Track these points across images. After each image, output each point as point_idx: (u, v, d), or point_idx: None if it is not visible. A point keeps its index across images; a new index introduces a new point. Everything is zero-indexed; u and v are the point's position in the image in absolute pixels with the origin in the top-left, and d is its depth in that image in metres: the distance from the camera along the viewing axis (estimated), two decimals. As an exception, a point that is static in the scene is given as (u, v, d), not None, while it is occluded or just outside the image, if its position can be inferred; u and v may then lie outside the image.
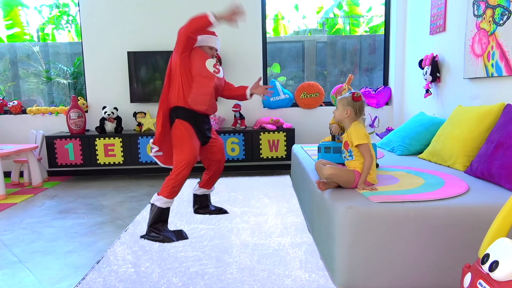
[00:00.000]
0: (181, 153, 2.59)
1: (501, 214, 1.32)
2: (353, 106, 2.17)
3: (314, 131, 4.81)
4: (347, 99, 2.19)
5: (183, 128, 2.64)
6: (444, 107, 3.54)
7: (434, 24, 3.69)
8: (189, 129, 2.66)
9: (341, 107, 2.20)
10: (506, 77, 2.65)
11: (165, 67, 4.58)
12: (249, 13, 4.66)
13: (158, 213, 2.58)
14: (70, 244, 2.58)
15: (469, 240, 1.78)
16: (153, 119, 4.57)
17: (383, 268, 1.81)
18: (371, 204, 1.82)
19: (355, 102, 2.17)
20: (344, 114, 2.19)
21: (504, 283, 1.14)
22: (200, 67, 2.65)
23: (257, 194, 3.61)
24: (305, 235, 2.57)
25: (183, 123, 2.65)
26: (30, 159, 4.13)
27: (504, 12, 2.61)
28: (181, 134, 2.63)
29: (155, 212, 2.58)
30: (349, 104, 2.17)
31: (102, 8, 4.61)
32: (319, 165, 2.26)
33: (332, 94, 4.83)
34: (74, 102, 4.48)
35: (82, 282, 2.01)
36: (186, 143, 2.61)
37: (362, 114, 2.22)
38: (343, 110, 2.19)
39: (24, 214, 3.25)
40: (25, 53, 5.22)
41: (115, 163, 4.45)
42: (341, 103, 2.21)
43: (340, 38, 6.12)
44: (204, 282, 1.97)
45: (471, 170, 2.33)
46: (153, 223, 2.58)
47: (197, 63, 2.64)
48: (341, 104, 2.21)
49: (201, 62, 2.66)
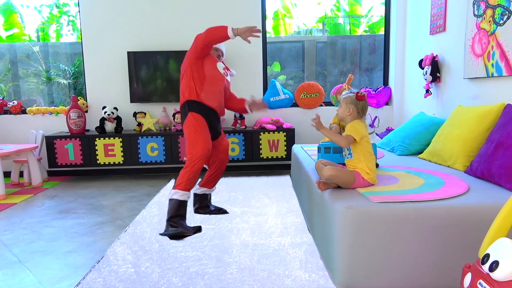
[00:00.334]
0: (195, 145, 2.65)
1: (501, 214, 1.32)
2: (356, 105, 2.19)
3: (314, 131, 4.80)
4: (351, 98, 2.21)
5: (196, 121, 2.72)
6: (444, 107, 3.54)
7: (434, 24, 3.69)
8: (202, 121, 2.73)
9: (345, 105, 2.22)
10: (506, 77, 2.65)
11: (165, 67, 4.60)
12: (249, 13, 4.66)
13: (176, 206, 2.64)
14: (70, 244, 2.57)
15: (469, 240, 1.78)
16: (153, 119, 4.57)
17: (383, 268, 1.81)
18: (371, 204, 1.82)
19: (359, 101, 2.19)
20: (346, 112, 2.21)
21: (504, 283, 1.14)
22: (212, 68, 2.79)
23: (257, 194, 3.61)
24: (305, 235, 2.57)
25: (195, 116, 2.73)
26: (30, 159, 4.13)
27: (504, 12, 2.61)
28: (194, 127, 2.70)
29: (173, 205, 2.64)
30: (353, 102, 2.20)
31: (102, 8, 4.61)
32: (320, 165, 2.27)
33: (332, 94, 4.83)
34: (74, 102, 4.48)
35: (82, 282, 2.01)
36: (199, 135, 2.68)
37: (364, 114, 2.24)
38: (346, 108, 2.21)
39: (24, 214, 3.25)
40: (25, 53, 5.22)
41: (115, 163, 4.44)
42: (344, 101, 2.23)
43: (340, 38, 6.12)
44: (204, 282, 1.97)
45: (471, 170, 2.33)
46: (172, 217, 2.63)
47: (209, 65, 2.78)
48: (344, 102, 2.23)
49: (212, 64, 2.80)
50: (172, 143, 4.43)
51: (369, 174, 2.10)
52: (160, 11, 4.62)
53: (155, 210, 3.21)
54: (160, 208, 3.27)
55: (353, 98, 2.20)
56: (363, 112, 2.21)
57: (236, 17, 4.65)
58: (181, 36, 4.63)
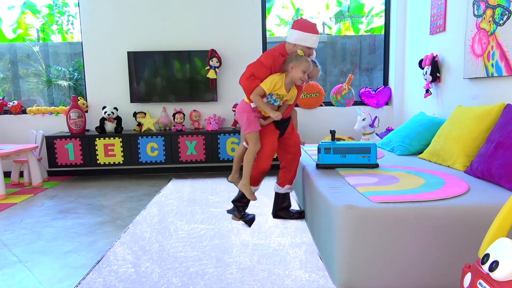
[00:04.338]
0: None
1: (501, 214, 1.32)
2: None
3: (314, 131, 4.81)
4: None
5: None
6: (444, 107, 3.54)
7: (434, 24, 3.69)
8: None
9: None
10: (506, 77, 2.65)
11: (165, 67, 4.60)
12: (249, 13, 4.66)
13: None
14: (70, 244, 2.58)
15: (469, 240, 1.78)
16: (153, 119, 4.57)
17: (383, 268, 1.81)
18: (371, 204, 1.82)
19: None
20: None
21: (504, 283, 1.14)
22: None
23: (257, 194, 3.60)
24: (305, 235, 2.57)
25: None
26: (30, 159, 4.13)
27: (504, 12, 2.61)
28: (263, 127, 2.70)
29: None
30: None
31: (102, 8, 4.61)
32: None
33: (332, 94, 4.83)
34: (74, 102, 4.48)
35: (82, 282, 2.01)
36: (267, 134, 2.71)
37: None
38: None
39: (24, 214, 3.25)
40: (25, 53, 5.22)
41: (115, 163, 4.44)
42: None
43: (340, 38, 6.11)
44: (204, 282, 1.97)
45: (471, 170, 2.33)
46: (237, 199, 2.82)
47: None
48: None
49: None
50: (172, 143, 4.43)
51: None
52: (160, 11, 4.62)
53: (155, 210, 3.21)
54: (160, 208, 3.27)
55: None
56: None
57: (236, 17, 4.65)
58: (181, 36, 4.63)
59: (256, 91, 2.48)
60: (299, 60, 2.43)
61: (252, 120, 2.57)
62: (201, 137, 4.43)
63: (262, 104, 2.50)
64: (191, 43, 4.65)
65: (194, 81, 4.65)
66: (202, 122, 4.77)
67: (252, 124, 2.57)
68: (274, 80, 2.46)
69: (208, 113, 4.76)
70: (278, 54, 2.54)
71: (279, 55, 2.53)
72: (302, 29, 2.48)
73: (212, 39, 4.66)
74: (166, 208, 3.27)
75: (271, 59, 2.51)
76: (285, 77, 2.49)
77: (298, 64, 2.43)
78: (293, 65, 2.43)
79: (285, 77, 2.49)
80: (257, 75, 2.51)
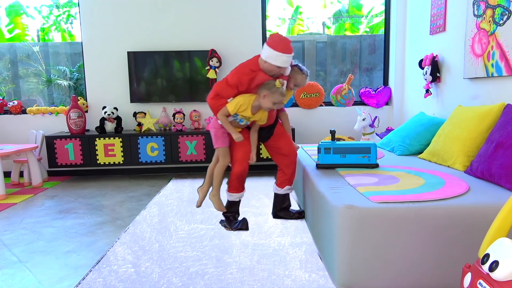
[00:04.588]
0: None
1: (501, 214, 1.32)
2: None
3: (314, 131, 4.81)
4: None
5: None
6: (444, 107, 3.54)
7: (434, 24, 3.69)
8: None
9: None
10: (506, 77, 2.65)
11: (165, 67, 4.60)
12: (249, 13, 4.66)
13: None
14: (70, 244, 2.58)
15: (469, 240, 1.78)
16: (153, 119, 4.57)
17: (383, 268, 1.81)
18: (371, 204, 1.82)
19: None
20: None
21: (504, 283, 1.14)
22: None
23: (257, 194, 3.61)
24: (305, 235, 2.57)
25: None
26: (30, 159, 4.13)
27: (504, 12, 2.61)
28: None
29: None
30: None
31: (102, 8, 4.61)
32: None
33: (332, 94, 4.83)
34: (74, 102, 4.48)
35: (82, 282, 2.01)
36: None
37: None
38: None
39: (24, 214, 3.25)
40: (25, 53, 5.22)
41: (115, 163, 4.44)
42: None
43: (340, 38, 6.11)
44: (204, 282, 1.97)
45: (471, 170, 2.33)
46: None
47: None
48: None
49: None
50: (172, 143, 4.43)
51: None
52: (160, 11, 4.62)
53: (155, 210, 3.21)
54: (160, 208, 3.27)
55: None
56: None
57: (236, 17, 4.65)
58: (181, 36, 4.63)
59: (222, 111, 2.50)
60: (273, 91, 2.41)
61: (219, 136, 2.61)
62: (201, 137, 4.44)
63: (226, 124, 2.52)
64: (191, 43, 4.65)
65: (194, 81, 4.65)
66: (202, 122, 4.77)
67: (220, 140, 2.61)
68: (239, 102, 2.46)
69: (208, 113, 4.76)
70: (248, 70, 2.50)
71: (249, 71, 2.49)
72: (274, 46, 2.38)
73: (212, 39, 4.66)
74: (166, 208, 3.27)
75: (237, 77, 2.49)
76: (255, 100, 2.48)
77: (270, 95, 2.41)
78: (266, 95, 2.42)
79: (255, 100, 2.48)
80: (222, 94, 2.52)
